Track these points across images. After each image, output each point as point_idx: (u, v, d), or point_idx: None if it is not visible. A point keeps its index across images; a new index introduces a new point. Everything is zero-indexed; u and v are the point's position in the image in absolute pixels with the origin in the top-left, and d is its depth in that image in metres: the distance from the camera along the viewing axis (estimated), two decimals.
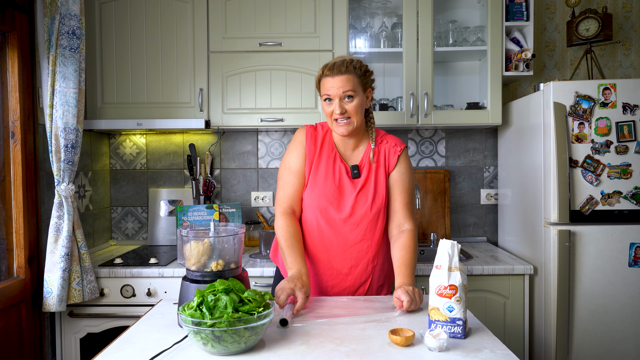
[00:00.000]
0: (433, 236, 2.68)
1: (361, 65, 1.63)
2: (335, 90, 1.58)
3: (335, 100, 1.59)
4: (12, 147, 1.98)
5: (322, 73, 1.63)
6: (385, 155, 1.69)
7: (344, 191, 1.65)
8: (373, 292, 1.71)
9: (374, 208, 1.65)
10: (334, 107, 1.60)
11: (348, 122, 1.61)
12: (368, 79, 1.65)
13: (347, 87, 1.58)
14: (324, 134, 1.72)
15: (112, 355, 1.18)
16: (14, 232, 1.99)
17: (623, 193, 2.08)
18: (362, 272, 1.67)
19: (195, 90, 2.46)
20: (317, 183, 1.66)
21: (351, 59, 1.62)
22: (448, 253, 1.26)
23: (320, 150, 1.69)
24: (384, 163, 1.68)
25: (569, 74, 2.77)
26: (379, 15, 2.69)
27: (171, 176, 2.83)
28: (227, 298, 1.14)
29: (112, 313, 2.17)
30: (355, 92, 1.59)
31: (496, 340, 1.24)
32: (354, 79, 1.59)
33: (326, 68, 1.62)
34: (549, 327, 2.12)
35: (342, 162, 1.68)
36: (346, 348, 1.18)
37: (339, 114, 1.59)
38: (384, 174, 1.67)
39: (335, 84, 1.58)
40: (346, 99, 1.59)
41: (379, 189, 1.66)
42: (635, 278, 2.07)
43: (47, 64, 2.01)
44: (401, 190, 1.67)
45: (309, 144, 1.69)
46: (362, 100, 1.62)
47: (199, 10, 2.44)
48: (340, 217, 1.64)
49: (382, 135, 1.73)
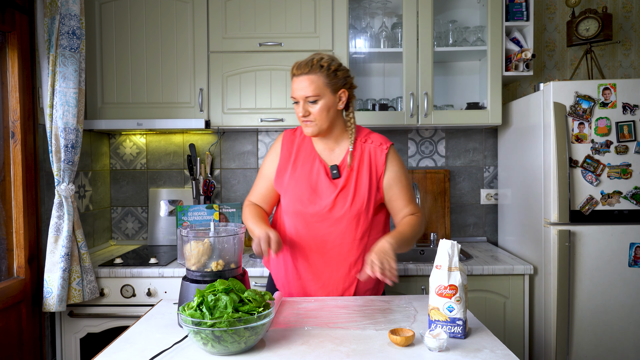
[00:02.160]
0: (433, 236, 2.68)
1: (331, 64, 1.56)
2: (299, 92, 1.55)
3: (300, 102, 1.56)
4: (12, 147, 1.98)
5: (291, 72, 1.60)
6: (370, 155, 1.63)
7: (322, 192, 1.62)
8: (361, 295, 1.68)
9: (354, 209, 1.60)
10: (299, 108, 1.57)
11: (312, 124, 1.58)
12: (340, 79, 1.57)
13: (310, 90, 1.53)
14: (302, 138, 1.70)
15: (112, 355, 1.18)
16: (14, 232, 1.99)
17: (623, 193, 2.08)
18: (344, 277, 1.64)
19: (195, 90, 2.46)
20: (291, 187, 1.64)
21: (320, 57, 1.56)
22: (448, 253, 1.26)
23: (297, 153, 1.67)
24: (369, 163, 1.63)
25: (569, 74, 2.77)
26: (379, 15, 2.69)
27: (171, 176, 2.83)
28: (227, 298, 1.14)
29: (112, 313, 2.17)
30: (320, 95, 1.54)
31: (496, 340, 1.24)
32: (320, 79, 1.54)
33: (295, 67, 1.58)
34: (549, 327, 2.12)
35: (322, 163, 1.64)
36: (346, 348, 1.18)
37: (302, 115, 1.57)
38: (368, 174, 1.62)
39: (299, 86, 1.55)
40: (310, 102, 1.55)
41: (360, 190, 1.61)
42: (635, 278, 2.07)
43: (47, 64, 2.01)
44: (400, 188, 1.64)
45: (283, 150, 1.69)
46: (329, 101, 1.56)
47: (199, 10, 2.44)
48: (316, 219, 1.61)
49: (366, 135, 1.68)
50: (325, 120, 1.57)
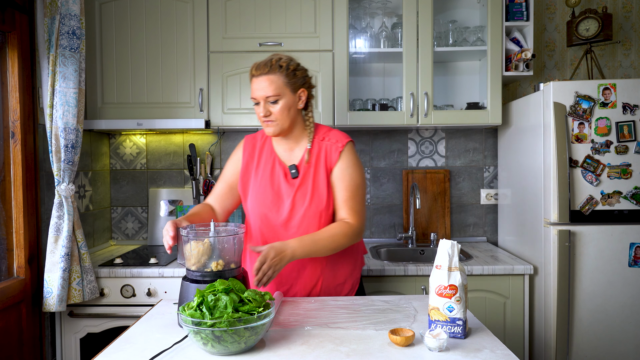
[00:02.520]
0: (433, 236, 2.68)
1: (289, 63, 1.57)
2: (259, 93, 1.55)
3: (260, 103, 1.57)
4: (12, 147, 1.98)
5: (250, 72, 1.60)
6: (326, 153, 1.63)
7: (283, 194, 1.63)
8: (331, 291, 1.68)
9: (313, 208, 1.60)
10: (259, 109, 1.57)
11: (273, 124, 1.58)
12: (299, 79, 1.59)
13: (270, 90, 1.54)
14: (262, 141, 1.71)
15: (112, 355, 1.18)
16: (14, 232, 1.99)
17: (623, 193, 2.08)
18: (310, 275, 1.64)
19: (195, 90, 2.46)
20: (255, 191, 1.65)
21: (279, 57, 1.57)
22: (448, 253, 1.26)
23: (259, 157, 1.68)
24: (325, 161, 1.62)
25: (569, 74, 2.77)
26: (379, 15, 2.69)
27: (171, 176, 2.83)
28: (227, 298, 1.14)
29: (112, 313, 2.17)
30: (280, 95, 1.55)
31: (496, 340, 1.24)
32: (280, 79, 1.55)
33: (253, 67, 1.58)
34: (549, 327, 2.12)
35: (281, 165, 1.65)
36: (346, 348, 1.18)
37: (263, 115, 1.57)
38: (324, 172, 1.61)
39: (259, 86, 1.55)
40: (270, 103, 1.56)
41: (319, 189, 1.60)
42: (635, 278, 2.07)
43: (47, 64, 2.01)
44: (341, 187, 1.61)
45: (245, 155, 1.70)
46: (289, 101, 1.57)
47: (199, 11, 2.44)
48: (279, 222, 1.62)
49: (325, 132, 1.68)
50: (286, 120, 1.58)
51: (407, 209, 2.77)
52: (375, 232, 2.82)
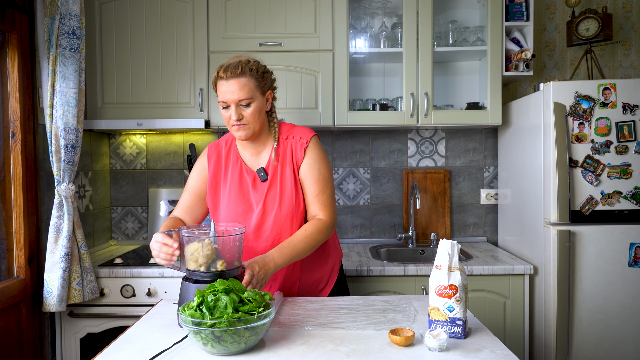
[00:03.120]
0: (433, 236, 2.68)
1: (258, 66, 1.56)
2: (231, 96, 1.50)
3: (231, 106, 1.52)
4: (12, 147, 1.98)
5: (216, 75, 1.54)
6: (292, 151, 1.61)
7: (252, 202, 1.60)
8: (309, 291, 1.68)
9: (284, 210, 1.58)
10: (230, 112, 1.52)
11: (246, 127, 1.54)
12: (267, 81, 1.58)
13: (242, 94, 1.50)
14: (227, 149, 1.67)
15: (112, 355, 1.18)
16: (14, 232, 1.99)
17: (623, 193, 2.08)
18: (287, 277, 1.64)
19: (195, 90, 2.46)
20: (226, 203, 1.62)
21: (247, 60, 1.55)
22: (448, 253, 1.26)
23: (226, 166, 1.65)
24: (291, 160, 1.60)
25: (569, 74, 2.77)
26: (379, 15, 2.69)
27: (171, 176, 2.83)
28: (227, 298, 1.14)
29: (112, 313, 2.17)
30: (252, 98, 1.52)
31: (496, 340, 1.24)
32: (251, 82, 1.52)
33: (221, 70, 1.52)
34: (549, 327, 2.13)
35: (248, 172, 1.62)
36: (346, 348, 1.18)
37: (236, 120, 1.52)
38: (291, 171, 1.60)
39: (230, 89, 1.50)
40: (243, 106, 1.53)
41: (287, 189, 1.59)
42: (635, 278, 2.07)
43: (47, 64, 2.01)
44: (311, 182, 1.59)
45: (211, 164, 1.66)
46: (260, 104, 1.55)
47: (199, 10, 2.44)
48: (251, 229, 1.59)
49: (289, 130, 1.65)
50: (257, 123, 1.56)
51: (407, 209, 2.77)
52: (375, 232, 2.82)
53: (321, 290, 1.72)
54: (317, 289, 1.71)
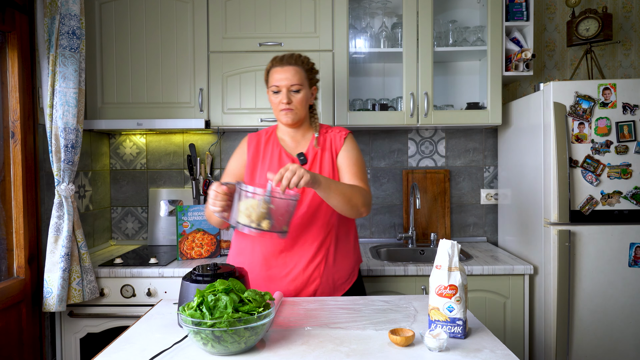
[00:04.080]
0: (433, 236, 2.68)
1: (309, 61, 1.73)
2: (284, 81, 1.66)
3: (283, 91, 1.67)
4: (12, 147, 1.98)
5: (271, 65, 1.71)
6: (331, 141, 1.74)
7: None
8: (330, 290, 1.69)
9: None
10: (280, 97, 1.67)
11: (293, 112, 1.68)
12: (314, 76, 1.74)
13: (295, 79, 1.66)
14: (267, 137, 1.79)
15: (112, 355, 1.18)
16: (14, 232, 1.99)
17: (623, 193, 2.08)
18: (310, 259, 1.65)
19: (195, 90, 2.46)
20: (262, 178, 1.69)
21: (300, 54, 1.72)
22: (448, 253, 1.26)
23: (264, 150, 1.76)
24: (330, 147, 1.73)
25: (569, 74, 2.77)
26: (379, 15, 2.69)
27: (171, 176, 2.83)
28: (227, 298, 1.14)
29: (112, 313, 2.17)
30: (302, 86, 1.68)
31: (496, 340, 1.24)
32: (302, 72, 1.69)
33: (275, 60, 1.70)
34: (549, 327, 2.13)
35: (288, 155, 1.73)
36: (346, 348, 1.18)
37: (286, 103, 1.66)
38: (329, 157, 1.71)
39: (284, 75, 1.66)
40: (293, 92, 1.67)
41: (325, 172, 1.69)
42: (635, 278, 2.07)
43: (47, 64, 2.01)
44: (350, 164, 1.70)
45: (250, 150, 1.77)
46: (307, 94, 1.71)
47: (199, 10, 2.44)
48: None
49: (327, 127, 1.80)
50: (302, 110, 1.70)
51: (407, 209, 2.77)
52: (375, 232, 2.82)
53: (341, 285, 1.73)
54: (337, 284, 1.72)
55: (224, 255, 2.45)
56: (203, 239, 2.40)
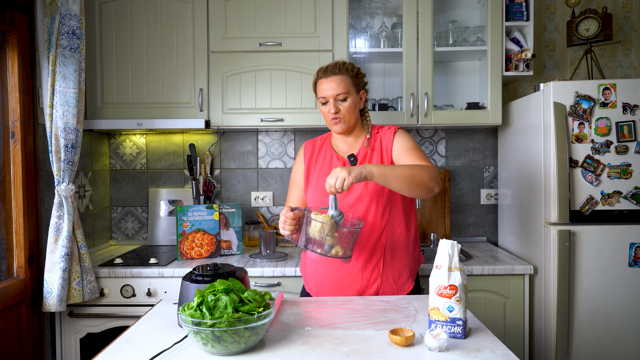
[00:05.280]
0: (433, 236, 2.68)
1: (353, 67, 1.72)
2: (330, 92, 1.68)
3: (330, 101, 1.68)
4: (12, 147, 1.98)
5: (317, 77, 1.73)
6: (381, 139, 1.74)
7: None
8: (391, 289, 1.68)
9: (370, 186, 1.65)
10: (328, 107, 1.69)
11: (342, 121, 1.70)
12: (361, 81, 1.74)
13: (340, 89, 1.67)
14: (321, 143, 1.83)
15: (112, 355, 1.18)
16: (14, 232, 1.99)
17: (623, 193, 2.08)
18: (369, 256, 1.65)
19: (195, 90, 2.46)
20: (314, 182, 1.75)
21: (344, 62, 1.73)
22: (448, 253, 1.26)
23: (317, 156, 1.80)
24: (380, 147, 1.73)
25: (569, 74, 2.77)
26: (379, 15, 2.69)
27: (171, 176, 2.83)
28: (227, 298, 1.14)
29: (112, 313, 2.17)
30: (348, 93, 1.68)
31: (496, 340, 1.24)
32: (347, 79, 1.69)
33: (320, 71, 1.72)
34: (549, 327, 2.12)
35: (339, 158, 1.76)
36: (346, 348, 1.18)
37: (334, 112, 1.68)
38: (379, 156, 1.71)
39: (329, 86, 1.68)
40: (340, 101, 1.68)
41: None
42: (635, 278, 2.07)
43: (47, 64, 2.00)
44: (405, 152, 1.66)
45: (306, 156, 1.82)
46: (355, 100, 1.71)
47: (199, 10, 2.44)
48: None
49: (378, 128, 1.80)
50: (352, 117, 1.71)
51: None
52: None
53: (403, 284, 1.71)
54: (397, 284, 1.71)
55: (224, 255, 2.45)
56: (203, 239, 2.40)
